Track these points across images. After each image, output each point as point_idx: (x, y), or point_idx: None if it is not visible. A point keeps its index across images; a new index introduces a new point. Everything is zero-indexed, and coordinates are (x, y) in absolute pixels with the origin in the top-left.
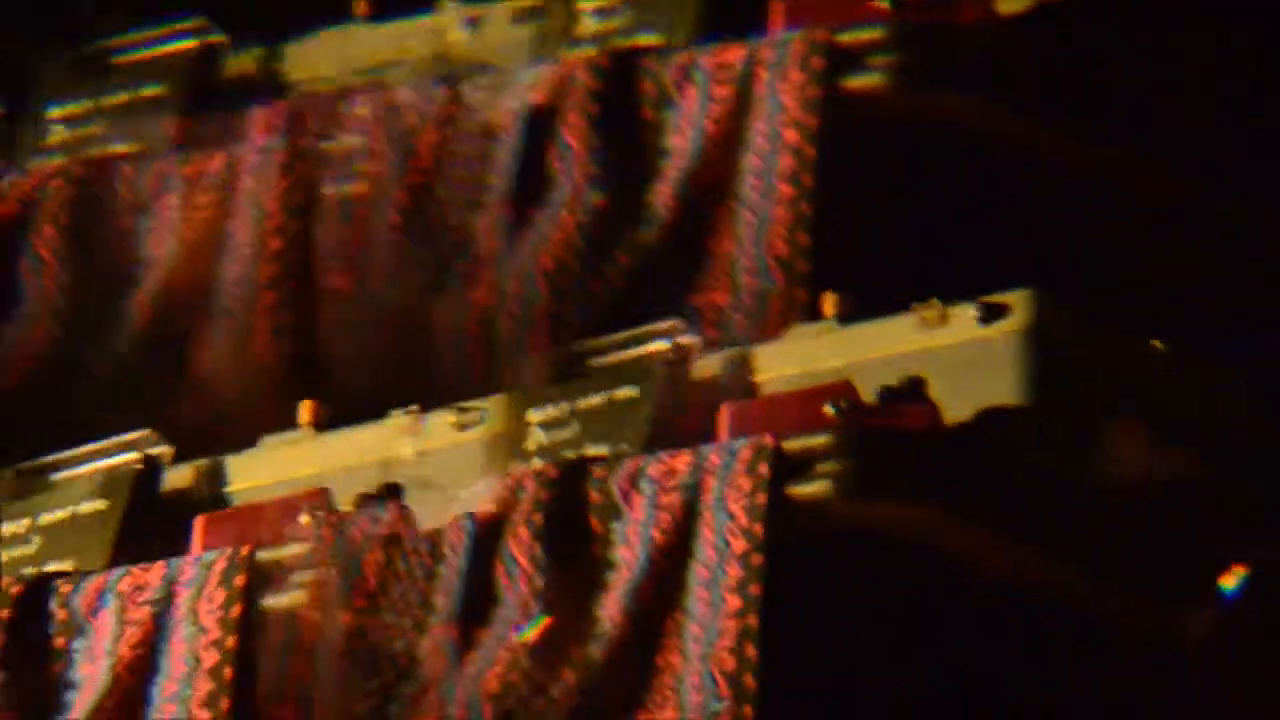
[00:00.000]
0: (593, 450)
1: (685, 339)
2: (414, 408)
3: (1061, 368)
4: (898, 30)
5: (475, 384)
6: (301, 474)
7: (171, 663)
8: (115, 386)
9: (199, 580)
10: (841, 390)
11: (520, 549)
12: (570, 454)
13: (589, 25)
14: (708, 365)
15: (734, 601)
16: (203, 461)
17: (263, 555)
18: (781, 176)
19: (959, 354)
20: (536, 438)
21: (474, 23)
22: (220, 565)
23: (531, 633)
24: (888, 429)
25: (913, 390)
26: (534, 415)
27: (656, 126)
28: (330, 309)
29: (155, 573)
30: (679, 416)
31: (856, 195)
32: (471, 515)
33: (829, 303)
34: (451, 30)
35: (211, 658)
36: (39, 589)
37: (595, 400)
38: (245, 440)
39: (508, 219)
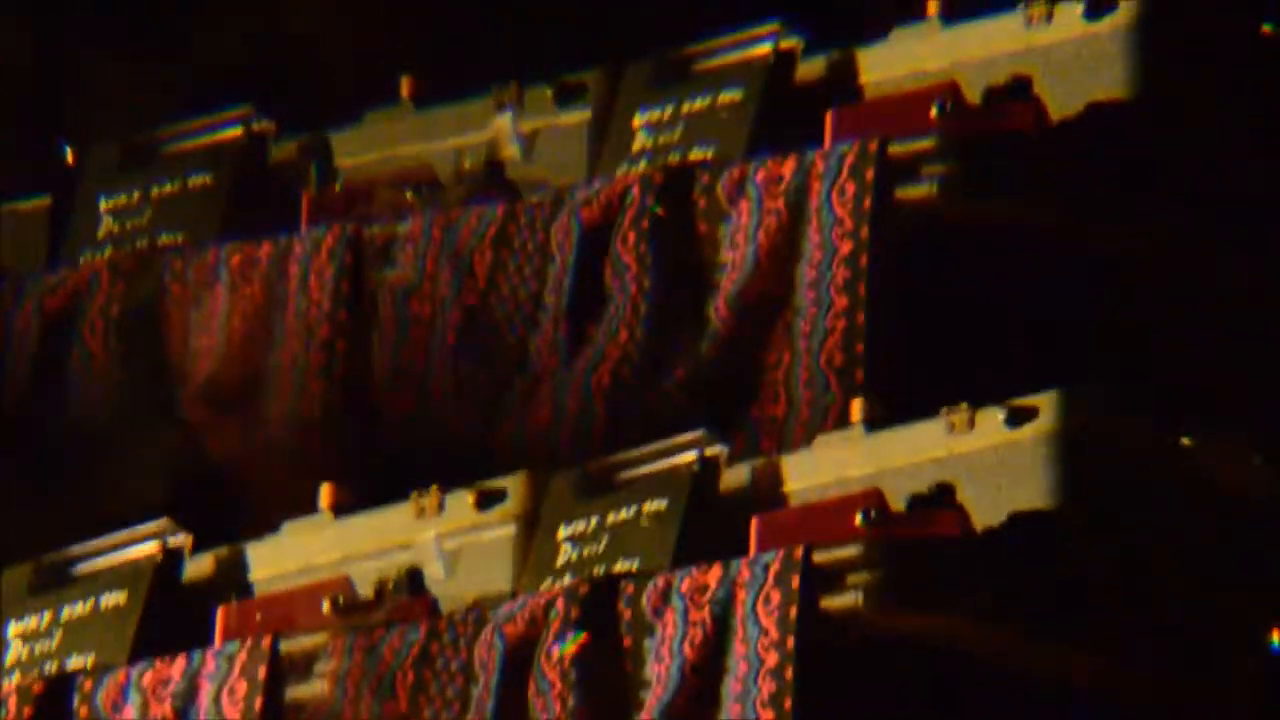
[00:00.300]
0: (622, 564)
1: (713, 449)
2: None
3: (1090, 468)
4: (949, 140)
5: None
6: (322, 560)
7: None
8: (165, 475)
9: (221, 673)
10: (871, 499)
11: (552, 668)
12: (599, 568)
13: (643, 140)
14: (736, 475)
15: (767, 716)
16: (223, 550)
17: (286, 646)
18: (837, 288)
19: (987, 458)
20: (566, 552)
21: (527, 139)
22: (242, 657)
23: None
24: (917, 538)
25: (942, 497)
26: (563, 530)
27: (711, 240)
28: (391, 426)
29: (178, 666)
30: (709, 527)
31: (884, 301)
32: (503, 635)
33: (856, 408)
34: (505, 146)
35: None
36: (61, 686)
37: (625, 514)
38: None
39: (564, 336)
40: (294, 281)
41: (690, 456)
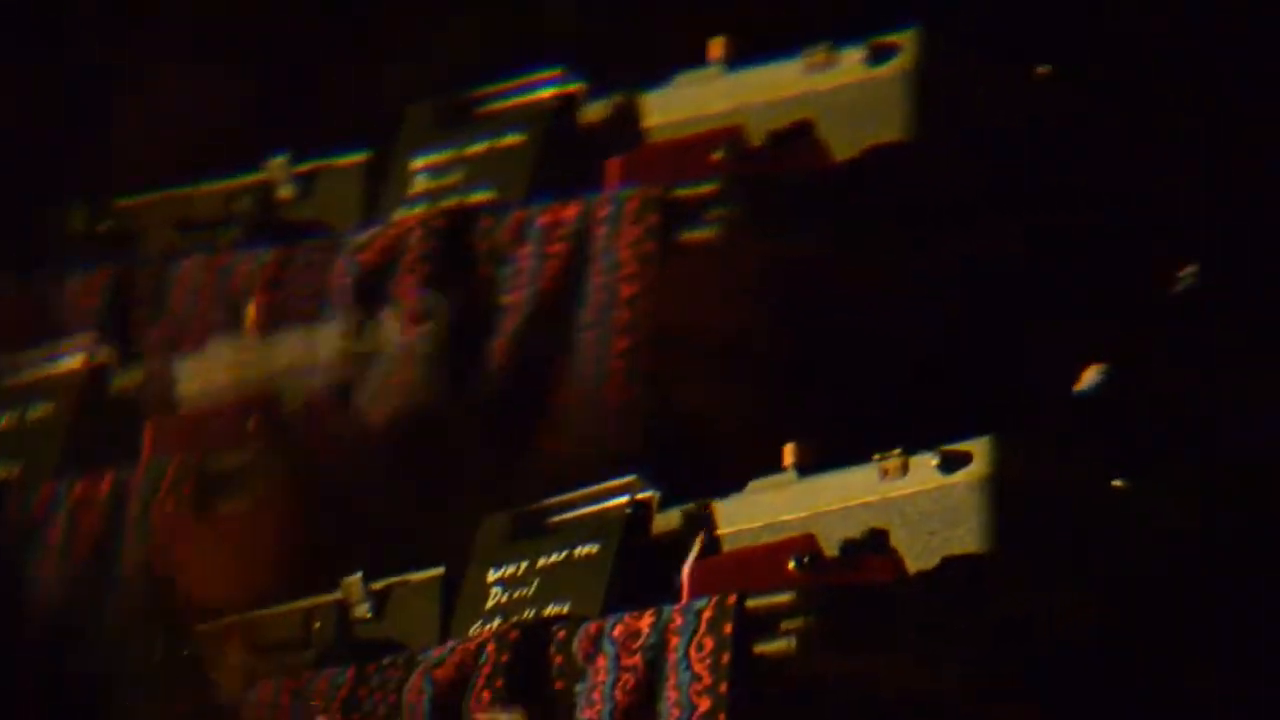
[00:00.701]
0: (553, 607)
1: (645, 494)
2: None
3: (1023, 512)
4: (732, 183)
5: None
6: None
7: None
8: None
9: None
10: (804, 545)
11: (481, 712)
12: (529, 612)
13: (422, 183)
14: (668, 520)
15: None
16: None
17: None
18: (617, 330)
19: (921, 503)
20: (495, 595)
21: (304, 181)
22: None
23: None
24: (851, 584)
25: (874, 541)
26: (492, 574)
27: (491, 283)
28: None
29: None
30: (640, 572)
31: (813, 347)
32: (432, 679)
33: (789, 453)
34: (281, 188)
35: None
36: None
37: (555, 557)
38: None
39: (341, 379)
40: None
41: (622, 501)
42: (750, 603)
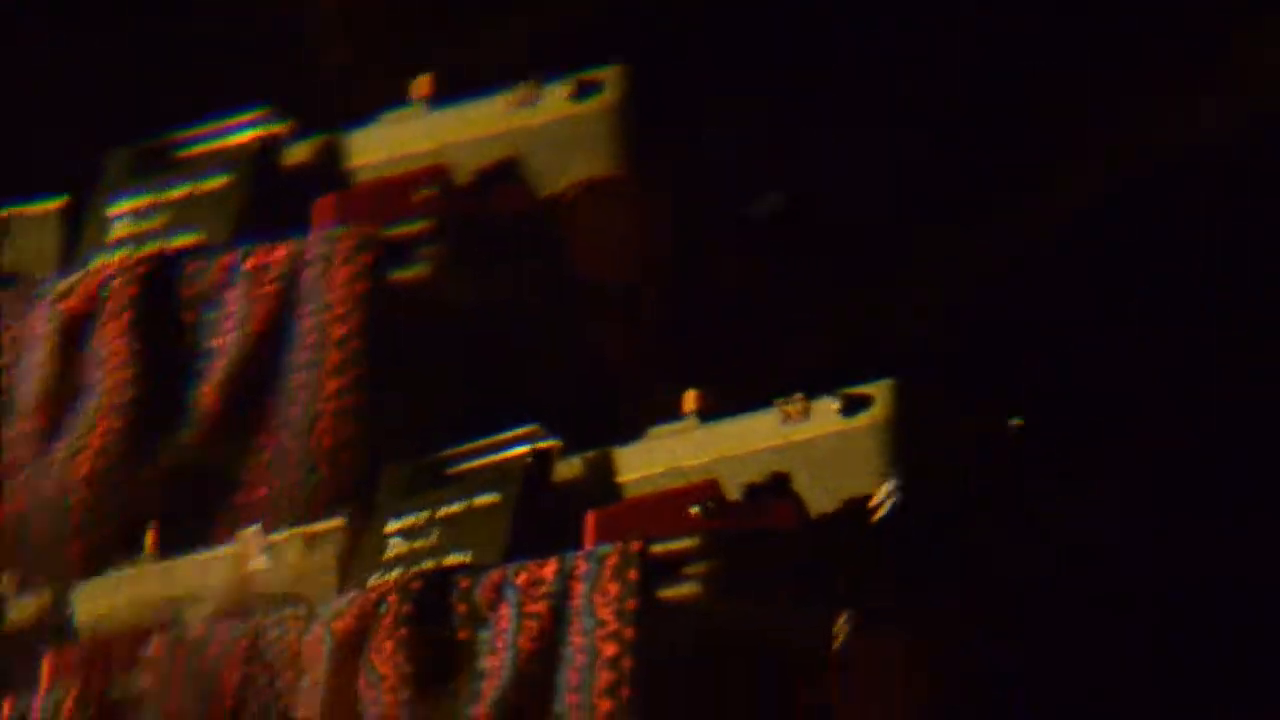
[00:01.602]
0: (454, 557)
1: (546, 443)
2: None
3: (925, 455)
4: (441, 222)
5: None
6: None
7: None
8: None
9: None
10: (707, 490)
11: (384, 662)
12: (430, 562)
13: (122, 228)
14: (570, 468)
15: (605, 705)
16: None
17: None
18: (328, 371)
19: (822, 447)
20: (395, 546)
21: None
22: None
23: None
24: (754, 529)
25: (777, 486)
26: (392, 525)
27: (197, 328)
28: None
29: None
30: (542, 521)
31: (710, 292)
32: (330, 630)
33: (690, 399)
34: None
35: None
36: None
37: (455, 507)
38: None
39: (40, 427)
40: None
41: (523, 450)
42: (654, 549)
